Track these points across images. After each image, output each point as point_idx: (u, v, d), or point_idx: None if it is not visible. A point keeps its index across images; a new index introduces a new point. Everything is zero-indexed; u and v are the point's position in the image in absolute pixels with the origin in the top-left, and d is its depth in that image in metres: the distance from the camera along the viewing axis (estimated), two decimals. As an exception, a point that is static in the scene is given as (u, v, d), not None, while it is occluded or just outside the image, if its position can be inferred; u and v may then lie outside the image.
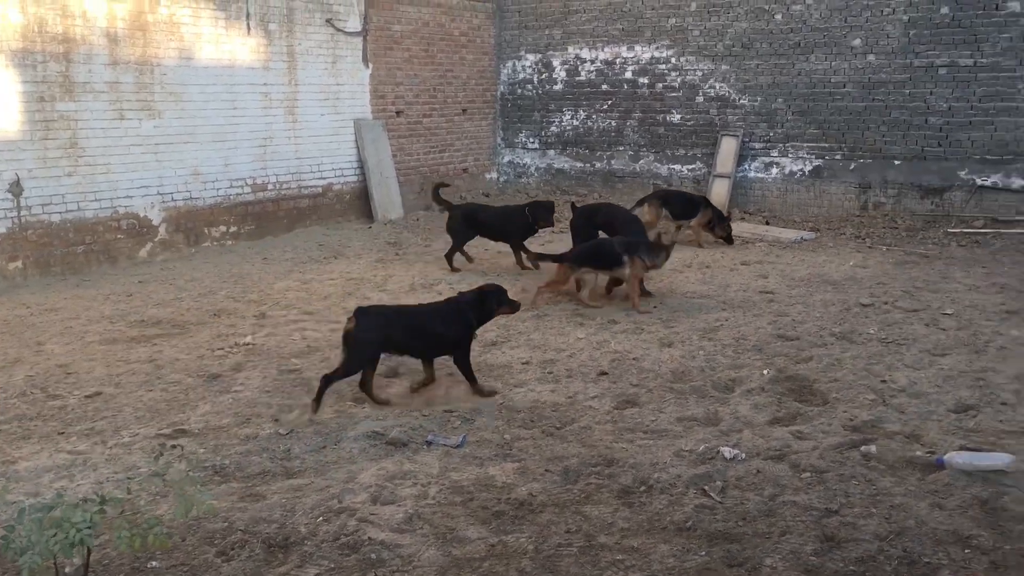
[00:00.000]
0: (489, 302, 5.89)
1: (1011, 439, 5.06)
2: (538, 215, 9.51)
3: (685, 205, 11.62)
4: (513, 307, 6.04)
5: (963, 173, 12.40)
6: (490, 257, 10.53)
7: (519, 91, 16.04)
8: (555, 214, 9.51)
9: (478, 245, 10.38)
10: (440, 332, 5.73)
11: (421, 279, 9.47)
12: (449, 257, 9.92)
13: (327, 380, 5.59)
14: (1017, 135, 12.04)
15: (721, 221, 11.56)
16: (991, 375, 6.12)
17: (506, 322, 7.70)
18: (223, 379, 6.33)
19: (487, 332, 7.42)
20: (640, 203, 11.82)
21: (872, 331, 7.31)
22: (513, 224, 9.69)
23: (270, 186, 12.02)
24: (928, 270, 9.82)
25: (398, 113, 14.02)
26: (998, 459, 4.67)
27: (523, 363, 6.64)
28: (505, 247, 10.22)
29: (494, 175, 16.23)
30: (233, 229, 11.53)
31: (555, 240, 11.18)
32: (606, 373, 6.39)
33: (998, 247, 11.08)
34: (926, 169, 12.65)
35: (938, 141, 12.55)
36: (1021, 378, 6.04)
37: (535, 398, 5.91)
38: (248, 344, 7.13)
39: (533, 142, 16.07)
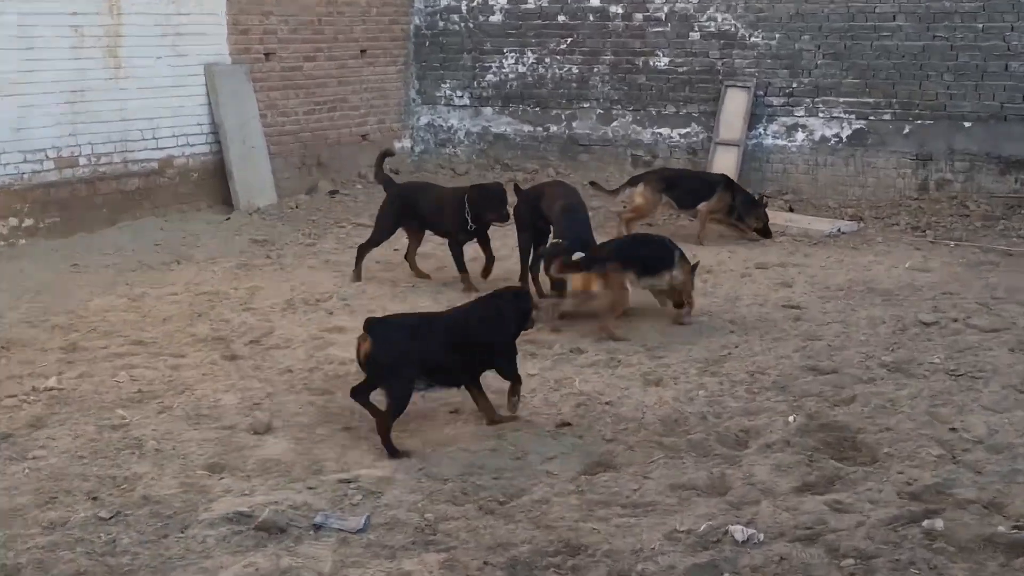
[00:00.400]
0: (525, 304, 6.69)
1: None
2: (480, 205, 9.48)
3: (697, 187, 11.85)
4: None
5: (1058, 139, 12.80)
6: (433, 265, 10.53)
7: (442, 23, 16.13)
8: (505, 205, 9.48)
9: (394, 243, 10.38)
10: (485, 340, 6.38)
11: (304, 293, 9.44)
12: (360, 254, 10.04)
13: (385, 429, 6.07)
14: None
15: (751, 207, 11.80)
16: (1099, 419, 6.31)
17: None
18: (16, 441, 6.24)
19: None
20: (632, 182, 11.99)
21: (937, 360, 7.48)
22: (442, 215, 9.72)
23: (82, 160, 11.88)
24: (1013, 274, 10.07)
25: (268, 55, 13.98)
26: (1109, 535, 4.81)
27: (451, 412, 6.66)
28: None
29: (406, 143, 16.29)
30: (28, 223, 11.37)
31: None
32: (569, 424, 6.44)
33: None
34: (1008, 134, 13.01)
35: (1023, 94, 12.91)
36: None
37: (469, 460, 5.93)
38: (52, 389, 7.03)
39: (462, 96, 16.15)
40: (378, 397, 6.21)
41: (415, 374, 6.17)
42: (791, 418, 6.43)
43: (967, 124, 13.24)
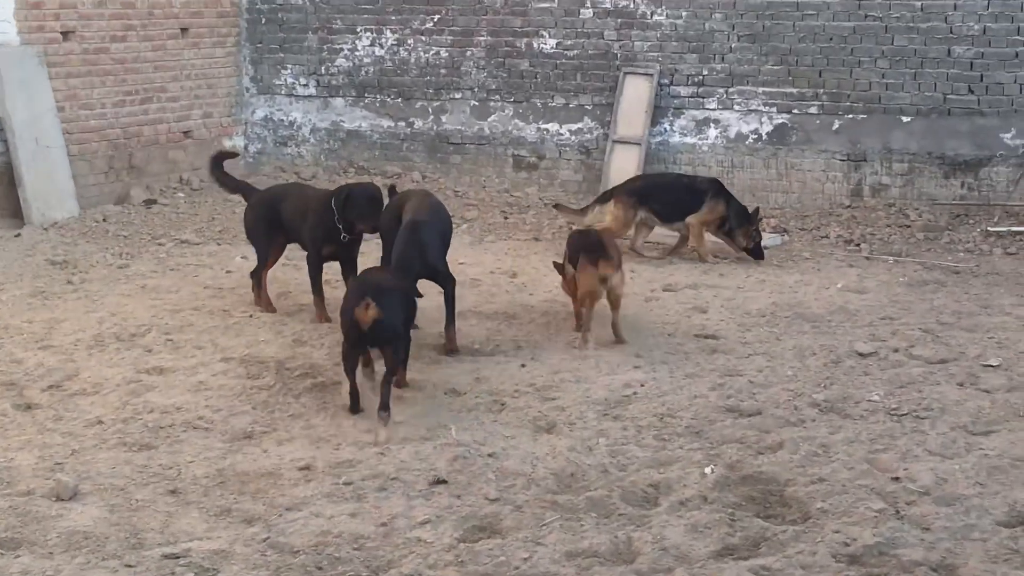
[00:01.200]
0: None
1: (1095, 566, 5.43)
2: (350, 209, 9.36)
3: (681, 196, 11.97)
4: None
5: (1009, 136, 13.32)
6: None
7: (281, -3, 16.09)
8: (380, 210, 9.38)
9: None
10: None
11: (115, 326, 9.31)
12: (256, 279, 9.96)
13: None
14: (1089, 75, 13.00)
15: (743, 220, 11.85)
16: (1062, 463, 6.54)
17: (267, 398, 7.73)
18: None
19: (236, 415, 7.38)
20: (603, 198, 12.11)
21: (876, 397, 7.68)
22: (305, 221, 9.58)
23: None
24: (960, 294, 10.40)
25: (66, 35, 13.78)
26: (1076, 599, 4.99)
27: (301, 468, 6.63)
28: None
29: (239, 141, 16.20)
30: None
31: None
32: (444, 481, 6.45)
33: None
34: (952, 130, 13.47)
35: (968, 84, 13.41)
36: (1106, 466, 6.49)
37: (323, 528, 5.90)
38: None
39: (307, 85, 16.14)
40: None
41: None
42: (708, 469, 6.53)
43: (905, 119, 13.66)
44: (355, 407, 7.54)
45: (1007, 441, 6.90)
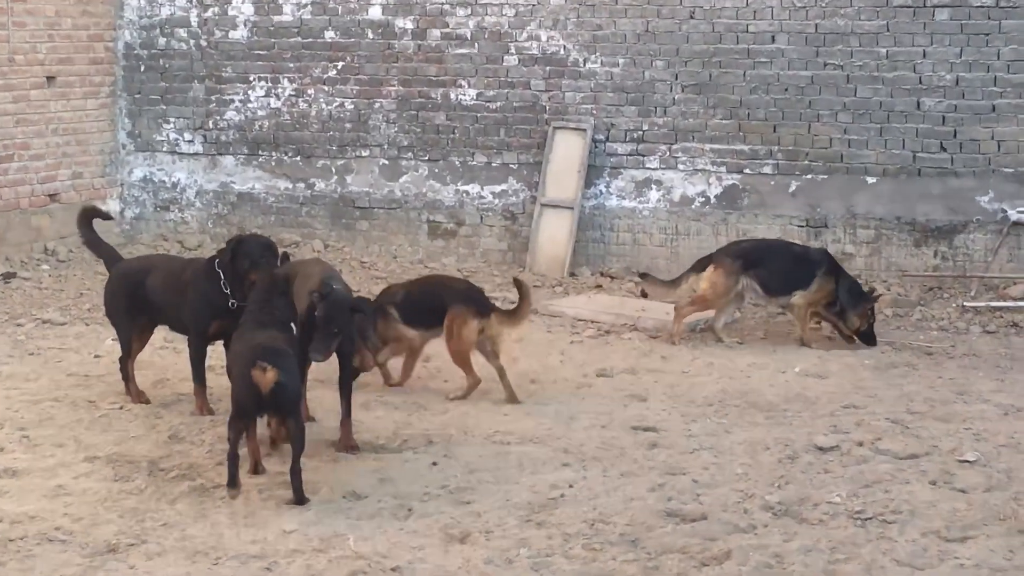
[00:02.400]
0: None
1: None
2: (243, 260, 9.08)
3: (791, 266, 11.94)
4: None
5: (986, 199, 13.45)
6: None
7: (163, 41, 16.08)
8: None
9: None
10: None
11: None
12: (123, 368, 9.78)
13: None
14: (1075, 130, 13.17)
15: (857, 300, 11.74)
16: (1047, 573, 6.52)
17: (136, 504, 7.57)
18: None
19: (100, 525, 7.22)
20: (698, 267, 12.03)
21: (837, 498, 7.62)
22: (183, 298, 9.44)
23: None
24: (933, 379, 10.43)
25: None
26: None
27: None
28: None
29: (114, 205, 16.05)
30: None
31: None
32: (340, 601, 6.35)
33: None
34: (923, 192, 13.61)
35: (941, 141, 13.58)
36: (1097, 577, 6.48)
37: (197, 659, 5.78)
38: None
39: (192, 141, 16.09)
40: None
41: None
42: (646, 585, 6.46)
43: (871, 180, 13.78)
44: (234, 480, 7.61)
45: (985, 548, 6.87)
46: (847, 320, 11.75)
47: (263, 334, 7.91)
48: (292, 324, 8.27)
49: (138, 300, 9.65)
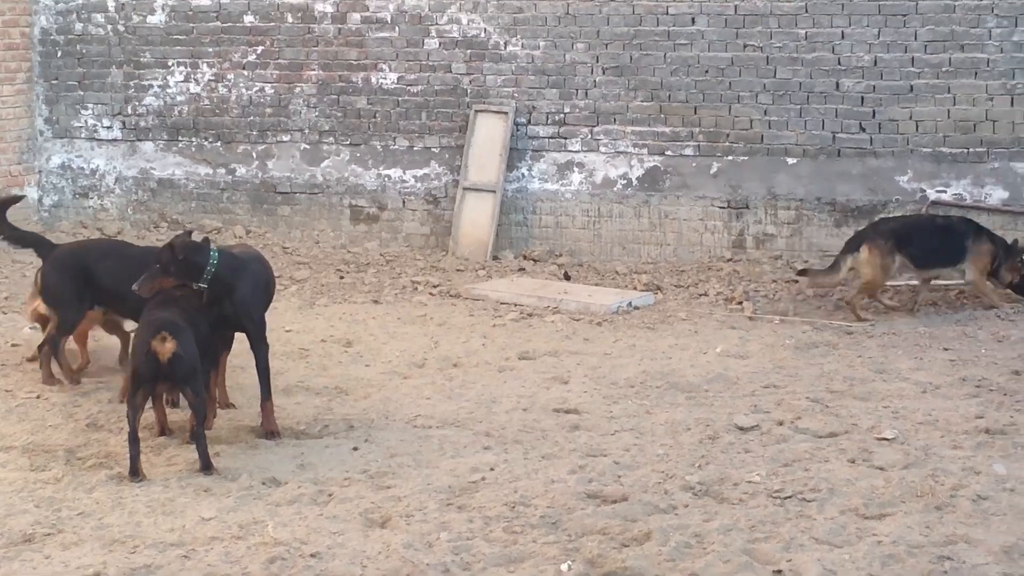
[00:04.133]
0: None
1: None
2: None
3: (940, 239, 12.07)
4: None
5: (904, 179, 13.55)
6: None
7: (80, 26, 15.94)
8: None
9: None
10: None
11: None
12: (54, 349, 9.79)
13: None
14: (991, 111, 13.29)
15: (1009, 255, 12.05)
16: (963, 550, 6.53)
17: (52, 493, 7.51)
18: None
19: (15, 515, 7.14)
20: (849, 248, 12.05)
21: (757, 478, 7.64)
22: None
23: None
24: (853, 358, 10.50)
25: None
26: None
27: (90, 577, 6.45)
28: None
29: (32, 192, 15.90)
30: None
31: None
32: (259, 589, 6.31)
33: (970, 313, 12.05)
34: (843, 173, 13.69)
35: (859, 122, 13.65)
36: (1012, 553, 6.51)
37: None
38: None
39: (110, 127, 15.96)
40: None
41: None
42: (565, 566, 6.42)
43: (791, 160, 13.84)
44: (136, 466, 7.74)
45: (903, 525, 6.90)
46: (999, 276, 12.09)
47: (167, 310, 8.10)
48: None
49: (86, 283, 9.69)
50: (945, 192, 13.42)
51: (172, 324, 7.87)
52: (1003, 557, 6.49)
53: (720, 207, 14.07)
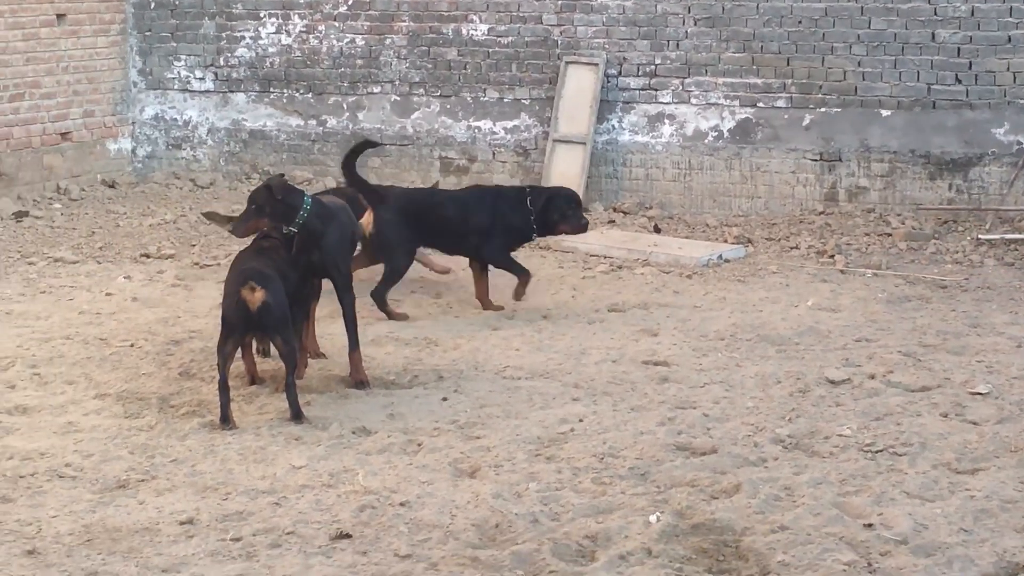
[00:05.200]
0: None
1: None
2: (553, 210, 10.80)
3: None
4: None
5: (1001, 132, 13.37)
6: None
7: (173, -23, 15.99)
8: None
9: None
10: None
11: None
12: (380, 297, 10.51)
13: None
14: (1091, 60, 13.08)
15: None
16: (1058, 505, 6.52)
17: (146, 440, 7.61)
18: None
19: (110, 461, 7.24)
20: None
21: (848, 432, 7.62)
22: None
23: None
24: (947, 312, 10.41)
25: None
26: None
27: (182, 522, 6.51)
28: None
29: (126, 144, 16.07)
30: None
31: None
32: (349, 535, 6.33)
33: (1067, 265, 11.92)
34: (938, 125, 13.52)
35: (956, 73, 13.48)
36: (1108, 508, 6.47)
37: (207, 594, 5.81)
38: None
39: (203, 78, 16.07)
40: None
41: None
42: (654, 517, 6.43)
43: (885, 113, 13.70)
44: (226, 413, 7.88)
45: (996, 480, 6.86)
46: None
47: (256, 260, 8.23)
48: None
49: (421, 224, 10.73)
50: (1045, 146, 13.27)
51: (260, 274, 7.97)
52: (1098, 513, 6.45)
53: (812, 160, 13.95)
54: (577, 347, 9.54)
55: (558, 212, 10.67)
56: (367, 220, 10.58)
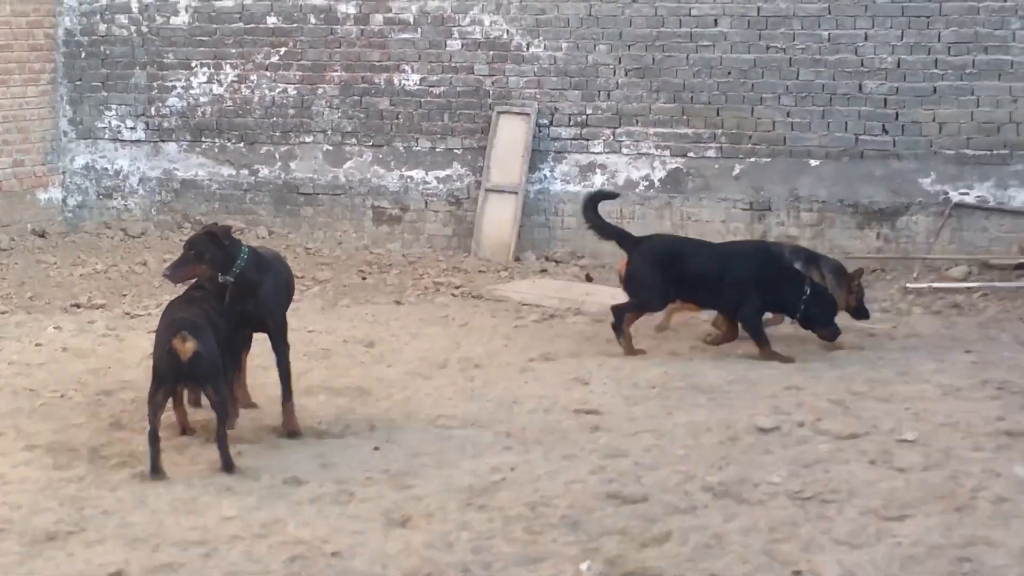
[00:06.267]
0: None
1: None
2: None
3: None
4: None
5: (928, 182, 13.54)
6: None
7: (104, 27, 15.99)
8: None
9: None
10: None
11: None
12: (619, 328, 10.82)
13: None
14: (1015, 111, 13.33)
15: None
16: (982, 552, 6.54)
17: (76, 492, 7.54)
18: None
19: (39, 513, 7.19)
20: None
21: (777, 479, 7.65)
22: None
23: None
24: (875, 360, 10.48)
25: None
26: None
27: (111, 574, 6.46)
28: None
29: (56, 194, 15.98)
30: None
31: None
32: (280, 588, 6.35)
33: (992, 314, 12.04)
34: (865, 174, 13.70)
35: (883, 123, 13.68)
36: (1034, 555, 6.56)
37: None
38: None
39: (134, 128, 16.02)
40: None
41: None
42: (584, 566, 6.44)
43: (814, 162, 13.87)
44: (157, 464, 7.76)
45: (923, 527, 6.91)
46: None
47: (187, 310, 8.18)
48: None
49: (673, 272, 10.75)
50: (968, 195, 13.45)
51: (192, 323, 7.92)
52: (1023, 559, 6.52)
53: (743, 209, 14.10)
54: (509, 396, 9.54)
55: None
56: (621, 264, 11.08)
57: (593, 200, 11.21)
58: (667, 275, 10.75)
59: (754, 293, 10.63)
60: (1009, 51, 13.24)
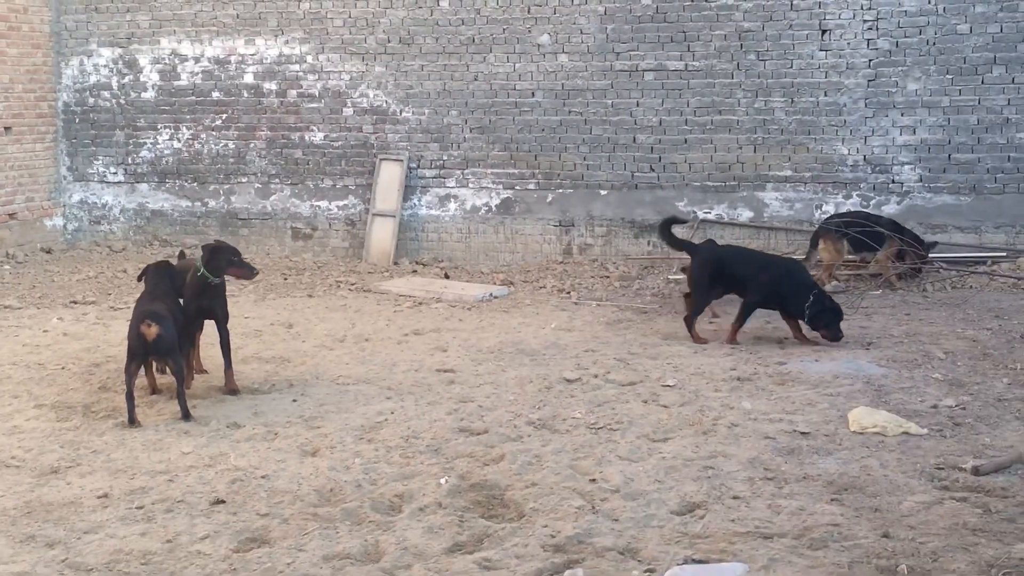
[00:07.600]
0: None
1: (744, 543, 5.53)
2: None
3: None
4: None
5: (682, 204, 13.68)
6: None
7: (92, 100, 15.54)
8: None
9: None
10: None
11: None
12: (689, 322, 10.14)
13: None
14: (741, 156, 13.49)
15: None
16: (721, 462, 6.68)
17: (73, 437, 7.36)
18: None
19: (45, 453, 7.00)
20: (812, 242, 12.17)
21: (579, 415, 7.73)
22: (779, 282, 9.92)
23: None
24: (647, 330, 10.60)
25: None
26: (729, 571, 5.07)
27: (99, 496, 6.32)
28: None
29: (58, 222, 15.56)
30: None
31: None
32: (223, 501, 6.23)
33: (728, 299, 12.23)
34: (639, 200, 13.80)
35: (650, 164, 13.76)
36: (755, 463, 6.65)
37: (116, 547, 5.62)
38: None
39: (116, 173, 15.60)
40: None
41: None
42: (443, 480, 6.46)
43: (603, 192, 13.94)
44: (132, 415, 7.63)
45: (680, 446, 7.02)
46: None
47: (153, 304, 7.97)
48: (178, 298, 8.42)
49: (720, 274, 10.07)
50: (710, 213, 13.63)
51: (155, 314, 7.77)
52: (748, 466, 6.64)
53: (554, 226, 14.14)
54: (389, 360, 9.48)
55: None
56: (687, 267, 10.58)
57: (667, 223, 10.67)
58: (715, 275, 10.07)
59: (765, 292, 9.91)
60: (735, 113, 13.43)
